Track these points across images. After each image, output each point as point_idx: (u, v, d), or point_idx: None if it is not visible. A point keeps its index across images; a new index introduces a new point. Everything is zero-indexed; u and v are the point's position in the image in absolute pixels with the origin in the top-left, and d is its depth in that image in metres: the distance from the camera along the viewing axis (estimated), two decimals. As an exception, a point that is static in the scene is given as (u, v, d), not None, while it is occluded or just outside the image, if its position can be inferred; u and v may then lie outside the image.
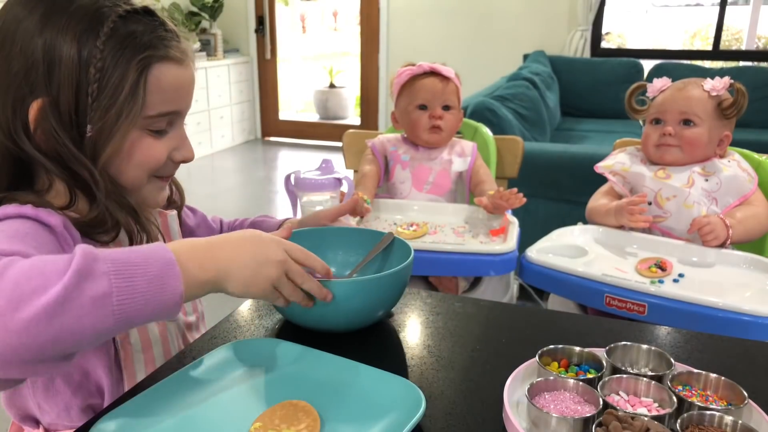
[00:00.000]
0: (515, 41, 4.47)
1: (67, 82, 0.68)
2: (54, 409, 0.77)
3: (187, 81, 0.76)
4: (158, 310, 0.55)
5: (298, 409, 0.61)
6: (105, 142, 0.70)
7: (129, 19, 0.70)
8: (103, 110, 0.68)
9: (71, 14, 0.68)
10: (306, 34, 8.67)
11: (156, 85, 0.71)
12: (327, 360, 0.70)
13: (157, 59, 0.71)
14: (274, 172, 4.66)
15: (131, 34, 0.69)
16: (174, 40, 0.74)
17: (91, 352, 0.74)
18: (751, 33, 5.52)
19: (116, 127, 0.70)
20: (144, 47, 0.70)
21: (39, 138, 0.69)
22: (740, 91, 1.33)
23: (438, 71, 1.53)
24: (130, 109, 0.69)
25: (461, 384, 0.69)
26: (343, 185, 1.11)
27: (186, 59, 0.75)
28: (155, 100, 0.72)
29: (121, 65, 0.69)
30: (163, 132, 0.75)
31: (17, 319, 0.48)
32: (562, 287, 1.20)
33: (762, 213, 1.31)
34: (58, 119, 0.68)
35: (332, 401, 0.64)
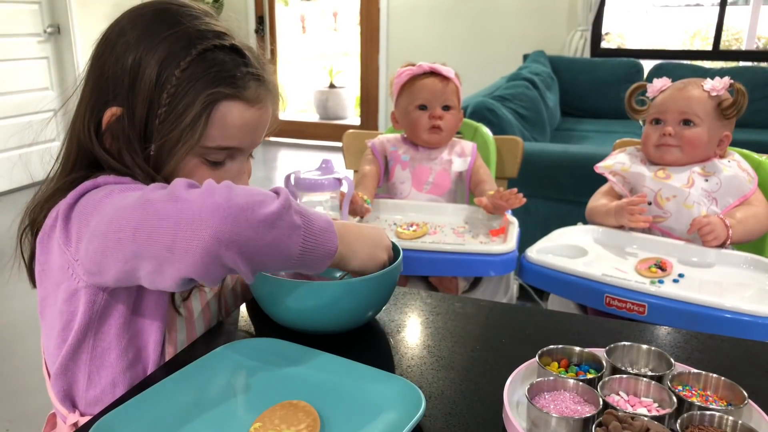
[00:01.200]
0: (515, 41, 4.47)
1: (143, 100, 0.73)
2: (101, 382, 0.76)
3: (254, 122, 0.78)
4: (319, 258, 0.66)
5: (298, 409, 0.61)
6: (163, 162, 0.75)
7: (213, 53, 0.73)
8: (165, 133, 0.73)
9: (164, 39, 0.73)
10: (306, 34, 8.68)
11: (220, 120, 0.74)
12: (327, 360, 0.70)
13: (225, 96, 0.73)
14: (274, 172, 4.66)
15: (208, 68, 0.73)
16: (253, 81, 0.76)
17: (149, 330, 0.76)
18: (751, 33, 5.52)
19: (174, 151, 0.74)
20: (216, 83, 0.73)
21: (106, 140, 0.74)
22: (740, 91, 1.33)
23: (438, 71, 1.53)
24: (188, 138, 0.73)
25: (461, 384, 0.69)
26: (343, 185, 1.11)
27: (259, 102, 0.77)
28: (216, 134, 0.74)
29: (190, 96, 0.72)
30: (220, 164, 0.78)
31: (253, 217, 0.59)
32: (562, 287, 1.20)
33: (762, 213, 1.31)
34: (129, 130, 0.73)
35: (332, 401, 0.64)
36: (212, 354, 0.71)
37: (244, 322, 0.84)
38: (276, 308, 0.77)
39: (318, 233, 0.65)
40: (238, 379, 0.69)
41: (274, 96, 0.82)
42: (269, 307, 0.79)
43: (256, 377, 0.69)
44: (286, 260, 0.64)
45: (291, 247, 0.63)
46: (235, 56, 0.75)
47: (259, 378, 0.69)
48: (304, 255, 0.64)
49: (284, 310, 0.76)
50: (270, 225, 0.60)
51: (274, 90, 0.82)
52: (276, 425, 0.59)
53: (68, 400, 0.79)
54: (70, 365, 0.76)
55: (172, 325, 0.79)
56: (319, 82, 6.76)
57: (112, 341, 0.75)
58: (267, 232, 0.60)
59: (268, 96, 0.80)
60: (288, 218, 0.62)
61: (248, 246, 0.59)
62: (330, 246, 0.67)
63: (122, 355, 0.76)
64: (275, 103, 0.83)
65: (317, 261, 0.67)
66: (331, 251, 0.67)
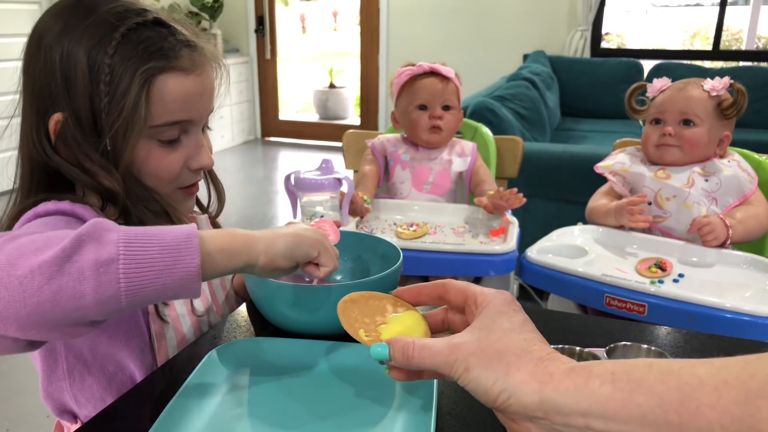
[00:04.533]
0: (515, 41, 4.47)
1: (82, 97, 0.70)
2: (90, 401, 0.77)
3: (196, 89, 0.75)
4: (173, 284, 0.54)
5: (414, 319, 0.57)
6: (120, 153, 0.72)
7: (137, 32, 0.71)
8: (113, 123, 0.70)
9: (85, 29, 0.70)
10: (306, 34, 8.68)
11: (160, 95, 0.72)
12: (348, 348, 0.70)
13: (160, 70, 0.71)
14: (274, 172, 4.66)
15: (136, 47, 0.70)
16: (185, 49, 0.74)
17: (124, 342, 0.75)
18: (751, 33, 5.52)
19: (125, 138, 0.71)
20: (147, 59, 0.70)
21: (60, 151, 0.72)
22: (740, 91, 1.33)
23: (438, 71, 1.53)
24: (135, 121, 0.70)
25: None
26: (343, 185, 1.11)
27: (196, 68, 0.75)
28: (160, 110, 0.72)
29: (126, 79, 0.70)
30: (175, 141, 0.76)
31: (12, 275, 0.49)
32: (562, 287, 1.20)
33: (762, 213, 1.31)
34: (79, 131, 0.70)
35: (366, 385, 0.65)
36: (222, 350, 0.70)
37: (244, 321, 0.84)
38: (273, 311, 0.77)
39: (155, 256, 0.53)
40: (260, 378, 0.69)
41: (212, 61, 0.79)
42: (266, 310, 0.78)
43: (282, 375, 0.68)
44: (107, 304, 0.51)
45: (105, 287, 0.50)
46: (159, 29, 0.73)
47: (288, 375, 0.68)
48: (137, 291, 0.52)
49: (282, 314, 0.76)
50: (50, 274, 0.49)
51: (212, 56, 0.79)
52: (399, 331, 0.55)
53: (66, 415, 0.80)
54: (52, 390, 0.77)
55: (161, 333, 0.78)
56: (319, 82, 6.76)
57: (86, 364, 0.75)
58: (49, 282, 0.49)
59: (205, 61, 0.77)
60: (88, 253, 0.50)
61: (27, 311, 0.49)
62: (182, 267, 0.54)
63: (101, 373, 0.76)
64: (216, 69, 0.80)
65: (171, 289, 0.54)
66: (185, 274, 0.54)
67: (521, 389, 0.42)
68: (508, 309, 0.49)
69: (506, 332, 0.46)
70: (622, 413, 0.39)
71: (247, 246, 0.61)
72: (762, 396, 0.35)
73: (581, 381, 0.41)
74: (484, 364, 0.44)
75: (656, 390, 0.38)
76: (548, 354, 0.45)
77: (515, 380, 0.43)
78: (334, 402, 0.64)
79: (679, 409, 0.37)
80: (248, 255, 0.61)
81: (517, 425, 0.44)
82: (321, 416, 0.61)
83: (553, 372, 0.42)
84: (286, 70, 6.09)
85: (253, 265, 0.62)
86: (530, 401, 0.42)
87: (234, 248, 0.60)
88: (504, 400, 0.43)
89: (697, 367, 0.38)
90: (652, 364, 0.40)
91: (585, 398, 0.40)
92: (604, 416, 0.39)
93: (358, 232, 0.94)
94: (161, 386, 0.69)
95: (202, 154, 0.79)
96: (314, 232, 0.69)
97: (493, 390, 0.44)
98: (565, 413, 0.41)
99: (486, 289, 0.52)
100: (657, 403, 0.38)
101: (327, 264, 0.68)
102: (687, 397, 0.37)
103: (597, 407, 0.40)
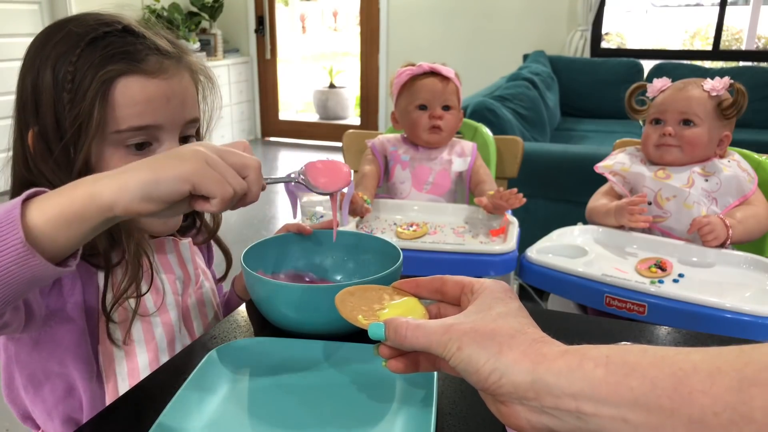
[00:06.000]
0: (515, 41, 4.47)
1: (48, 107, 0.70)
2: (41, 415, 0.78)
3: (162, 93, 0.72)
4: (10, 268, 0.48)
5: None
6: (89, 162, 0.71)
7: (103, 39, 0.70)
8: (78, 132, 0.69)
9: (54, 45, 0.71)
10: (306, 34, 8.68)
11: (122, 99, 0.70)
12: (348, 348, 0.70)
13: (120, 73, 0.70)
14: (274, 172, 4.66)
15: (99, 52, 0.70)
16: (153, 55, 0.72)
17: (73, 366, 0.74)
18: (751, 33, 5.52)
19: (80, 143, 0.70)
20: (108, 62, 0.69)
21: (40, 167, 0.71)
22: (740, 91, 1.33)
23: (438, 71, 1.53)
24: (89, 125, 0.69)
25: (461, 384, 0.69)
26: (343, 185, 1.11)
27: (162, 72, 0.72)
28: (122, 114, 0.70)
29: (86, 82, 0.69)
30: (145, 147, 0.73)
31: None
32: (562, 287, 1.20)
33: (762, 213, 1.31)
34: (49, 144, 0.70)
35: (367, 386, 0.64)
36: (222, 350, 0.70)
37: (244, 321, 0.84)
38: (273, 311, 0.77)
39: None
40: (263, 380, 0.69)
41: (189, 70, 0.76)
42: (266, 310, 0.78)
43: (282, 376, 0.69)
44: None
45: None
46: (128, 36, 0.72)
47: (285, 376, 0.69)
48: None
49: (282, 314, 0.76)
50: None
51: (191, 65, 0.77)
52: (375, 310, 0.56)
53: (29, 421, 0.81)
54: (14, 396, 0.79)
55: (110, 357, 0.76)
56: (319, 82, 6.76)
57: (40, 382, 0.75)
58: None
59: (179, 68, 0.75)
60: None
61: None
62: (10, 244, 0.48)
63: (53, 389, 0.76)
64: (196, 79, 0.78)
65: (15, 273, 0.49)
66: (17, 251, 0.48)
67: (513, 368, 0.42)
68: (504, 296, 0.49)
69: (501, 315, 0.46)
70: (614, 396, 0.38)
71: (90, 203, 0.51)
72: (756, 384, 0.35)
73: (575, 363, 0.41)
74: (476, 343, 0.44)
75: (649, 374, 0.38)
76: (542, 337, 0.45)
77: (507, 359, 0.43)
78: (334, 402, 0.64)
79: (672, 394, 0.37)
80: (96, 212, 0.51)
81: (506, 408, 0.43)
82: (321, 416, 0.61)
83: (547, 353, 0.42)
84: (286, 70, 6.09)
85: (111, 219, 0.52)
86: (522, 381, 0.42)
87: (73, 211, 0.51)
88: (495, 380, 0.43)
89: (691, 354, 0.38)
90: (647, 350, 0.40)
91: (578, 380, 0.40)
92: (595, 399, 0.39)
93: (358, 232, 0.94)
94: (161, 386, 0.69)
95: None
96: (186, 153, 0.54)
97: (484, 369, 0.43)
98: (557, 395, 0.40)
99: (483, 279, 0.52)
100: (650, 388, 0.37)
101: (212, 192, 0.53)
102: (680, 382, 0.37)
103: (589, 389, 0.39)
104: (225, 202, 0.54)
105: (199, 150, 0.54)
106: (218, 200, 0.53)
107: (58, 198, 0.51)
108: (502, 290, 0.50)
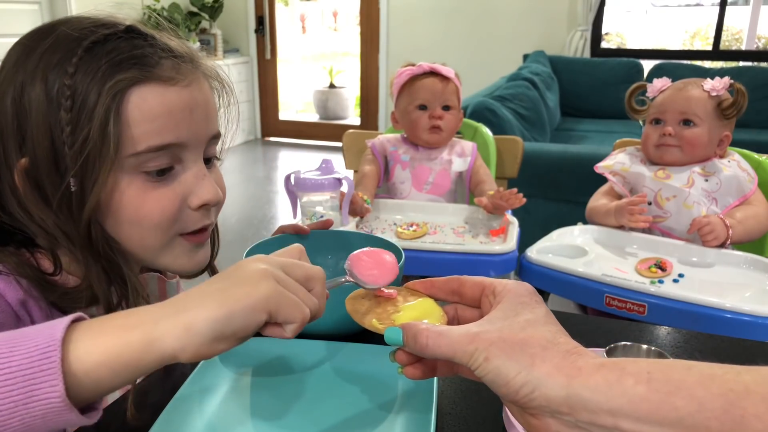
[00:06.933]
0: (515, 41, 4.47)
1: (40, 133, 0.56)
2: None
3: (183, 103, 0.61)
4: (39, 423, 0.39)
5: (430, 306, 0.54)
6: (87, 195, 0.58)
7: (104, 44, 0.58)
8: (78, 157, 0.56)
9: (43, 52, 0.58)
10: (306, 34, 8.68)
11: (137, 113, 0.58)
12: (349, 348, 0.70)
13: (133, 82, 0.58)
14: (274, 172, 4.66)
15: (104, 58, 0.57)
16: (165, 57, 0.61)
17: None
18: (751, 33, 5.52)
19: (93, 173, 0.57)
20: (116, 70, 0.57)
21: (32, 208, 0.58)
22: (740, 91, 1.33)
23: (438, 71, 1.53)
24: (104, 150, 0.56)
25: (461, 384, 0.69)
26: (343, 185, 1.11)
27: (182, 79, 0.61)
28: (139, 132, 0.58)
29: (91, 97, 0.56)
30: (167, 172, 0.61)
31: None
32: (562, 287, 1.20)
33: (762, 213, 1.31)
34: (41, 176, 0.58)
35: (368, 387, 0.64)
36: (205, 361, 0.70)
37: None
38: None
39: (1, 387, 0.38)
40: (263, 381, 0.69)
41: (208, 77, 0.66)
42: None
43: (284, 377, 0.69)
44: None
45: None
46: (134, 39, 0.60)
47: (288, 377, 0.69)
48: None
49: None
50: None
51: (209, 71, 0.66)
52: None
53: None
54: None
55: None
56: (319, 82, 6.76)
57: None
58: None
59: (198, 75, 0.64)
60: None
61: None
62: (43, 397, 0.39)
63: None
64: (215, 87, 0.67)
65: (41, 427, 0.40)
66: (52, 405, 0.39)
67: (547, 382, 0.40)
68: (530, 300, 0.46)
69: (529, 323, 0.44)
70: (656, 415, 0.36)
71: (148, 351, 0.42)
72: None
73: (613, 378, 0.39)
74: (506, 355, 0.41)
75: (697, 394, 0.36)
76: (575, 348, 0.42)
77: (540, 372, 0.40)
78: (334, 402, 0.64)
79: (722, 417, 0.35)
80: (155, 362, 0.43)
81: (536, 420, 0.42)
82: (321, 416, 0.61)
83: (582, 366, 0.40)
84: (286, 70, 6.09)
85: (173, 361, 0.43)
86: (556, 395, 0.40)
87: (125, 359, 0.42)
88: (527, 393, 0.40)
89: (742, 374, 0.36)
90: (691, 367, 0.38)
91: (616, 396, 0.38)
92: (636, 417, 0.37)
93: (359, 232, 0.94)
94: (161, 386, 0.69)
95: (204, 186, 0.63)
96: (254, 275, 0.46)
97: (515, 382, 0.41)
98: (593, 410, 0.38)
99: (505, 280, 0.49)
100: (696, 408, 0.35)
101: (292, 318, 0.46)
102: (731, 404, 0.35)
103: (629, 407, 0.37)
104: (302, 327, 0.47)
105: (267, 269, 0.46)
106: (296, 326, 0.47)
107: (108, 338, 0.42)
108: (527, 293, 0.47)
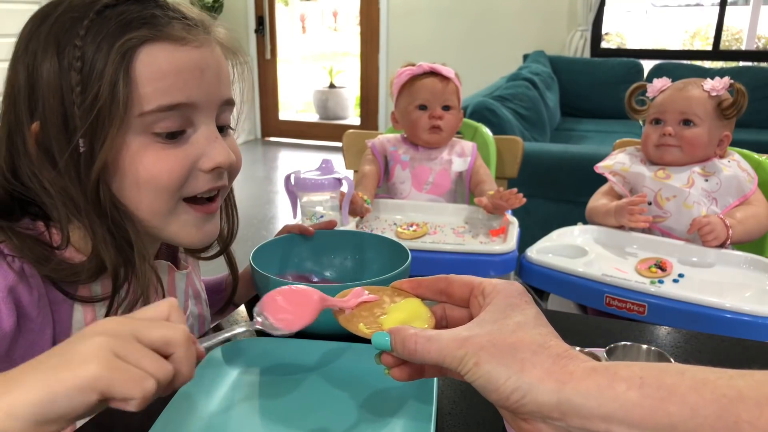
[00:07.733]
0: (515, 41, 4.47)
1: (51, 97, 0.58)
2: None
3: (194, 63, 0.61)
4: None
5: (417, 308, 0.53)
6: (96, 155, 0.58)
7: (115, 8, 0.59)
8: (87, 116, 0.57)
9: (56, 19, 0.60)
10: (306, 34, 8.67)
11: (147, 71, 0.58)
12: (349, 349, 0.70)
13: (143, 40, 0.58)
14: (274, 172, 4.66)
15: (114, 20, 0.58)
16: (176, 19, 0.61)
17: None
18: (751, 33, 5.52)
19: (101, 132, 0.57)
20: (125, 30, 0.58)
21: (44, 174, 0.60)
22: (740, 91, 1.33)
23: (438, 71, 1.53)
24: (113, 108, 0.57)
25: (461, 384, 0.69)
26: (343, 185, 1.11)
27: (194, 40, 0.61)
28: (148, 90, 0.58)
29: (101, 58, 0.57)
30: (179, 135, 0.62)
31: None
32: (562, 287, 1.20)
33: (762, 213, 1.31)
34: (49, 146, 0.59)
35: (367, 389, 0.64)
36: (205, 361, 0.70)
37: (244, 322, 0.84)
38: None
39: None
40: (262, 380, 0.69)
41: (218, 43, 0.66)
42: None
43: (286, 377, 0.69)
44: None
45: None
46: (146, 2, 0.61)
47: (288, 377, 0.69)
48: None
49: None
50: None
51: (222, 39, 0.66)
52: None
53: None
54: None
55: None
56: (319, 82, 6.76)
57: None
58: None
59: (209, 38, 0.64)
60: None
61: None
62: None
63: None
64: (227, 55, 0.67)
65: None
66: None
67: (537, 388, 0.39)
68: (519, 301, 0.45)
69: (519, 326, 0.43)
70: (649, 421, 0.36)
71: None
72: None
73: (605, 383, 0.38)
74: (496, 360, 0.41)
75: (690, 400, 0.35)
76: (566, 351, 0.41)
77: (531, 378, 0.40)
78: (334, 402, 0.64)
79: (715, 423, 0.34)
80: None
81: (528, 425, 0.41)
82: (321, 416, 0.61)
83: (574, 371, 0.39)
84: (286, 70, 6.08)
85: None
86: (547, 401, 0.39)
87: None
88: (517, 399, 0.40)
89: (735, 379, 0.36)
90: (684, 372, 0.37)
91: (608, 402, 0.37)
92: (628, 423, 0.37)
93: (364, 231, 0.94)
94: (161, 386, 0.69)
95: (216, 149, 0.63)
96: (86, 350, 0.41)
97: (505, 387, 0.40)
98: (585, 416, 0.38)
99: (494, 280, 0.48)
100: (690, 414, 0.35)
101: (129, 394, 0.41)
102: (724, 410, 0.34)
103: (621, 412, 0.37)
104: (147, 401, 0.42)
105: (102, 342, 0.41)
106: (138, 401, 0.42)
107: None
108: (516, 294, 0.46)
